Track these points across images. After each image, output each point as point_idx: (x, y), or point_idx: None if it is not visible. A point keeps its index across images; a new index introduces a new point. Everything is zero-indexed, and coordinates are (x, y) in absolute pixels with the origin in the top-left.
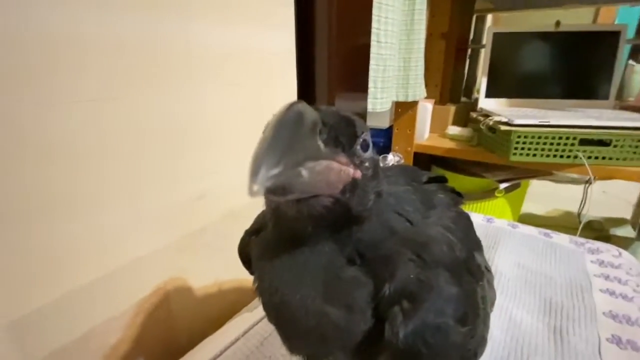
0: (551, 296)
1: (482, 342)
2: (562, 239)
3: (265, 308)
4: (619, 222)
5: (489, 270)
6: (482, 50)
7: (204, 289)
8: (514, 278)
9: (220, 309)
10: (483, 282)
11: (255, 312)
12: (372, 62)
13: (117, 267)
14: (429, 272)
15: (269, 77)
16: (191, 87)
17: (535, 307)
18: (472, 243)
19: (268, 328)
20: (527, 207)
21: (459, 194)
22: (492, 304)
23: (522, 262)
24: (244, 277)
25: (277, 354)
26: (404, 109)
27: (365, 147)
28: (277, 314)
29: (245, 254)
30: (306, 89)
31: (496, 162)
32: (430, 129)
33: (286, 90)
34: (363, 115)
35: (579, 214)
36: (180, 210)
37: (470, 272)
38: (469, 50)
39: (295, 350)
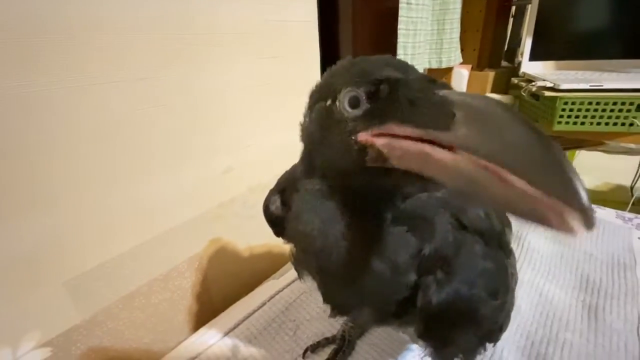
0: (589, 273)
1: (508, 317)
2: (607, 214)
3: (305, 255)
4: None
5: (512, 251)
6: (529, 6)
7: (236, 255)
8: (548, 254)
9: (251, 274)
10: (510, 259)
11: (281, 279)
12: (400, 26)
13: (157, 234)
14: (467, 238)
15: (291, 49)
16: (215, 64)
17: (569, 283)
18: (505, 219)
19: (293, 295)
20: None
21: None
22: (515, 283)
23: (559, 238)
24: (274, 243)
25: (301, 318)
26: (437, 77)
27: None
28: (317, 260)
29: (270, 213)
30: (330, 58)
31: None
32: None
33: (309, 61)
34: None
35: (631, 188)
36: (210, 183)
37: (501, 247)
38: (513, 8)
39: (329, 299)
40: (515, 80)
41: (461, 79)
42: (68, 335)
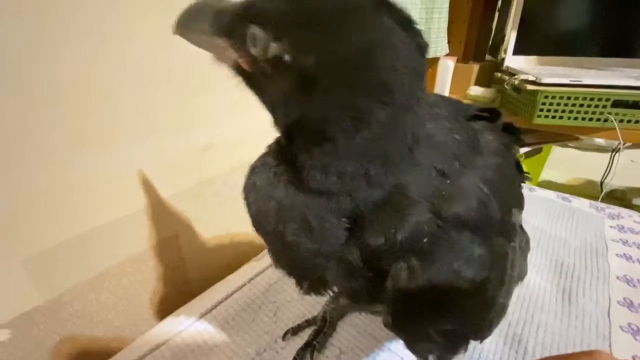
0: (563, 259)
1: (500, 312)
2: (581, 203)
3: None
4: None
5: (524, 230)
6: (514, 1)
7: (215, 238)
8: None
9: (231, 258)
10: (515, 242)
11: (262, 261)
12: None
13: (131, 212)
14: (448, 228)
15: None
16: None
17: (545, 268)
18: (513, 198)
19: (274, 276)
20: (547, 174)
21: (513, 132)
22: (521, 277)
23: (536, 225)
24: None
25: (282, 300)
26: None
27: (253, 41)
28: (253, 223)
29: None
30: None
31: (519, 125)
32: (451, 89)
33: None
34: None
35: (601, 183)
36: (189, 159)
37: (502, 233)
38: (499, 2)
39: (276, 264)
40: (498, 75)
41: (447, 71)
42: (29, 316)
